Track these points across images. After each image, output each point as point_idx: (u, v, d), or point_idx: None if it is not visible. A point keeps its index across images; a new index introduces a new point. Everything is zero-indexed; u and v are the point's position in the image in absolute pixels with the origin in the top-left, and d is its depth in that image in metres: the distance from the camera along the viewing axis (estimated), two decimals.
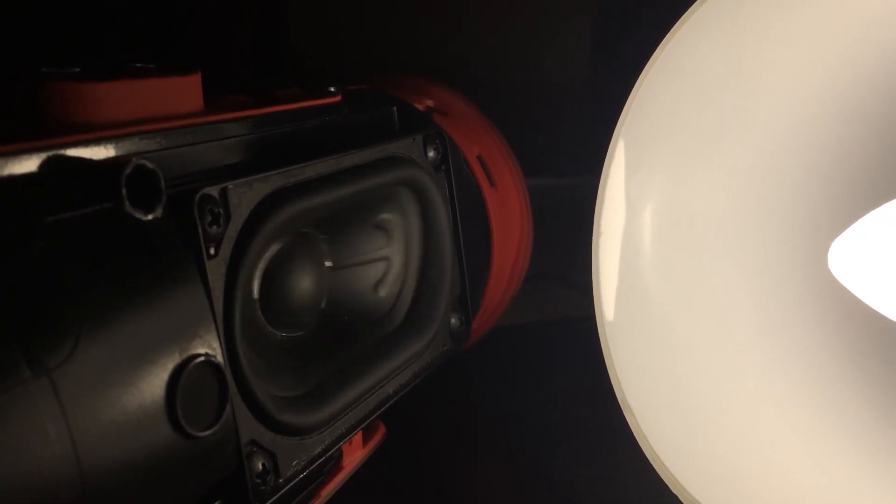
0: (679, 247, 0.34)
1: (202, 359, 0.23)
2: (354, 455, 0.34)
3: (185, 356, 0.22)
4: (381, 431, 0.36)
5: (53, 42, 0.46)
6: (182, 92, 0.28)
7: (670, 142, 0.34)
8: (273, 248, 0.30)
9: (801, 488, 0.30)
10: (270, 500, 0.27)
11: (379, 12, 0.56)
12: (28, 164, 0.22)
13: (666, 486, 0.31)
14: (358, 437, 0.34)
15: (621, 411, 0.32)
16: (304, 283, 0.31)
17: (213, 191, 0.25)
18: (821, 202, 0.32)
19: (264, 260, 0.30)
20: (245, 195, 0.27)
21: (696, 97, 0.34)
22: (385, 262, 0.35)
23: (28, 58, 0.44)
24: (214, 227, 0.25)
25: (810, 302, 0.33)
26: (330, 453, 0.30)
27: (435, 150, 0.37)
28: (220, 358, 0.24)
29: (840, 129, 0.32)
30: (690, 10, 0.32)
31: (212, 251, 0.25)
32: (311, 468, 0.29)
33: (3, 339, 0.19)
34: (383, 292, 0.35)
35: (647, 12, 0.35)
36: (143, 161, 0.23)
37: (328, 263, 0.33)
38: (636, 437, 0.32)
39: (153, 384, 0.22)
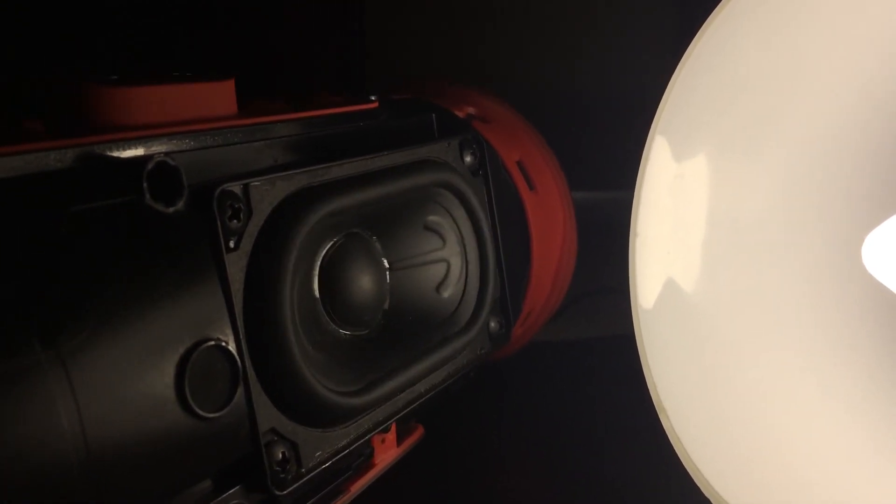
0: (716, 246, 0.33)
1: (213, 343, 0.24)
2: (388, 453, 0.34)
3: (196, 340, 0.24)
4: (419, 432, 0.36)
5: (86, 44, 0.48)
6: (215, 97, 0.30)
7: (707, 139, 0.34)
8: (326, 247, 0.30)
9: (839, 491, 0.29)
10: (290, 488, 0.27)
11: (441, 26, 0.58)
12: (61, 160, 0.24)
13: (700, 490, 0.30)
14: (392, 436, 0.34)
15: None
16: (363, 281, 0.32)
17: (235, 187, 0.27)
18: (860, 198, 0.31)
19: (320, 258, 0.30)
20: (268, 192, 0.28)
21: (731, 94, 0.33)
22: (444, 264, 0.36)
23: (55, 59, 0.46)
24: (235, 221, 0.26)
25: (851, 298, 0.31)
26: (354, 447, 0.30)
27: (472, 154, 0.37)
28: (232, 344, 0.25)
29: (879, 125, 0.31)
30: (721, 3, 0.31)
31: (231, 244, 0.26)
32: (335, 460, 0.29)
33: (19, 318, 0.20)
34: (446, 294, 0.36)
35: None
36: (164, 158, 0.24)
37: (385, 264, 0.33)
38: (670, 440, 0.31)
39: (163, 365, 0.23)
